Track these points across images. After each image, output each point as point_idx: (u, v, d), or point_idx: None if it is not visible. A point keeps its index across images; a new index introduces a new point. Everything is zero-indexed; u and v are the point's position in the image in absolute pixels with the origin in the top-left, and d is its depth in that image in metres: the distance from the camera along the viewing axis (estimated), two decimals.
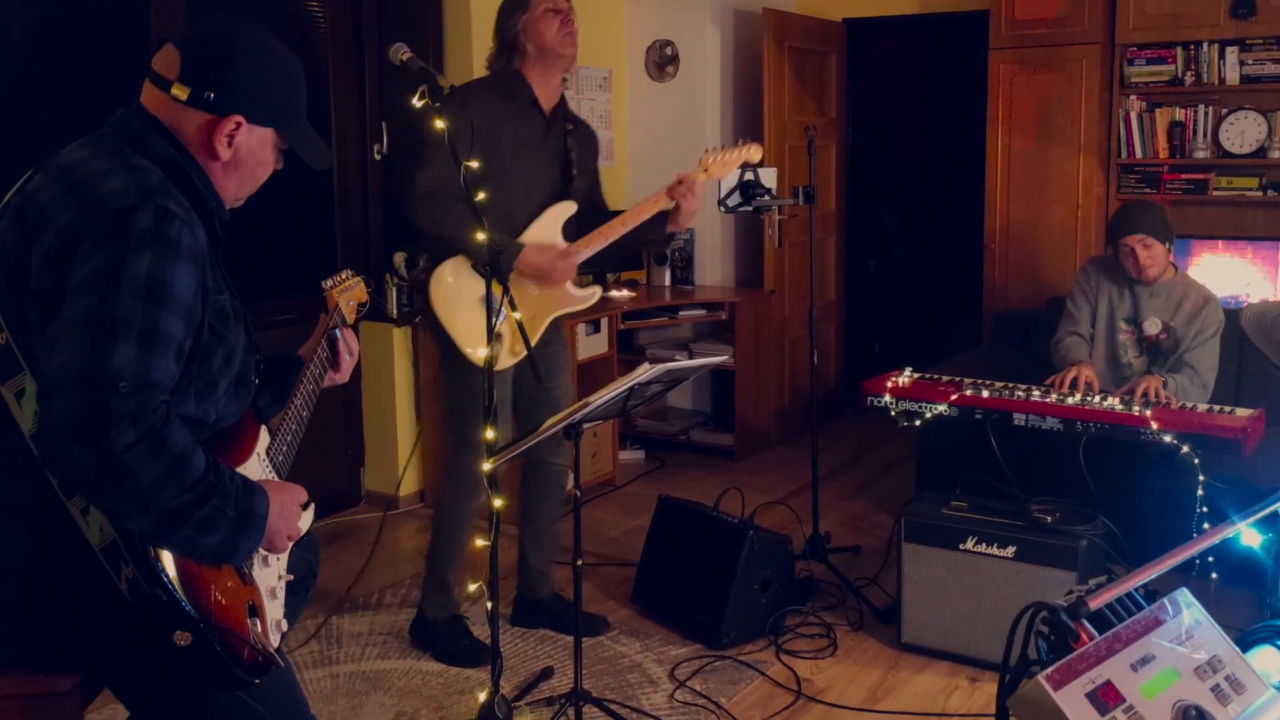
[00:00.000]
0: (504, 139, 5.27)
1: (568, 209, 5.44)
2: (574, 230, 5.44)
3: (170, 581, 2.66)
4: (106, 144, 2.85)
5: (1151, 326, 6.21)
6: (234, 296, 2.99)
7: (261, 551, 2.97)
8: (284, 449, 3.23)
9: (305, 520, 3.14)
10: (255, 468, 3.05)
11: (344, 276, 3.82)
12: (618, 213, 5.47)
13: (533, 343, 5.35)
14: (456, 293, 5.21)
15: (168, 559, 2.67)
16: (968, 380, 5.93)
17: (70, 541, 2.71)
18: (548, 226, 5.38)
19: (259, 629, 2.89)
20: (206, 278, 2.77)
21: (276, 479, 3.14)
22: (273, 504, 2.85)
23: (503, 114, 5.29)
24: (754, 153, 5.54)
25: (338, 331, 3.53)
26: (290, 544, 3.06)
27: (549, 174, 5.43)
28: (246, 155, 2.99)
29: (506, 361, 5.29)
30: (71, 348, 2.52)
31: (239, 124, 2.93)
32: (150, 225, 2.64)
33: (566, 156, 5.46)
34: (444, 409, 5.51)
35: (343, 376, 3.57)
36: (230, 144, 2.94)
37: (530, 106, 5.34)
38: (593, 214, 5.53)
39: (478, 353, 5.12)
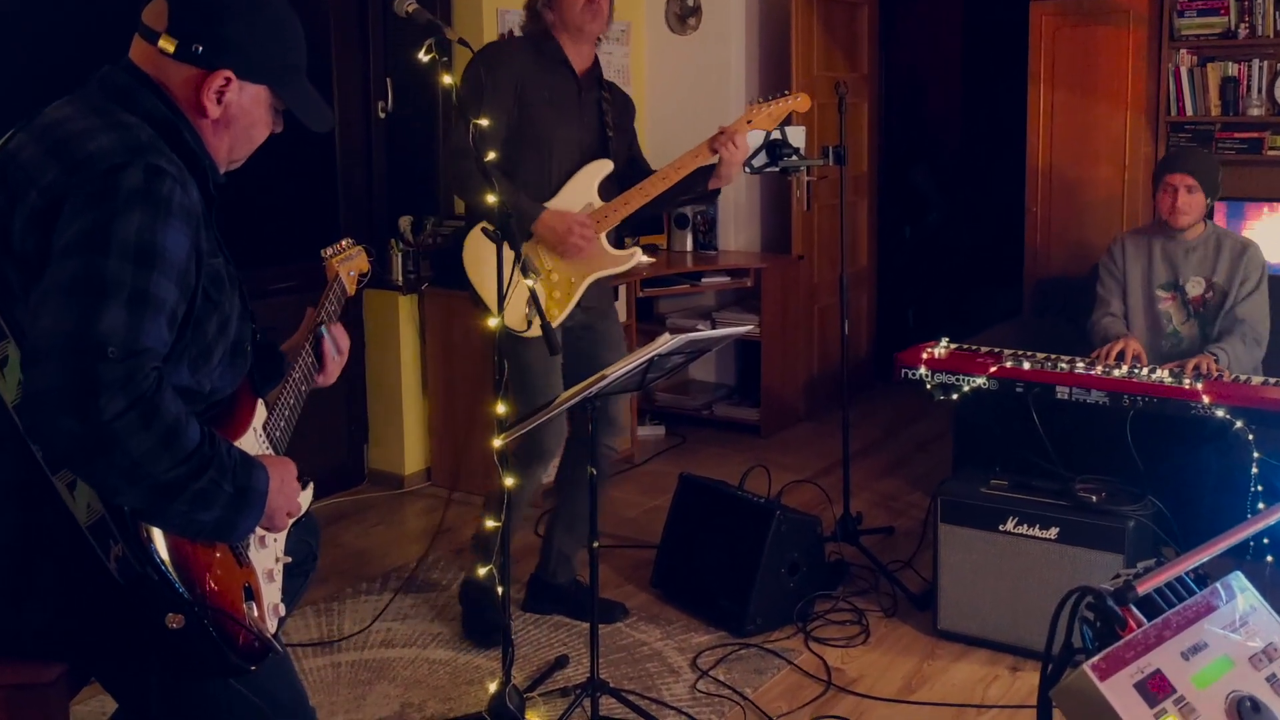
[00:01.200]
0: (537, 98, 5.29)
1: (603, 168, 5.44)
2: (613, 190, 5.43)
3: (162, 560, 2.65)
4: (92, 101, 2.84)
5: (1195, 287, 6.19)
6: (229, 262, 2.98)
7: (259, 531, 2.96)
8: (281, 424, 3.23)
9: (305, 498, 3.13)
10: (251, 443, 3.05)
11: (344, 245, 3.82)
12: (637, 167, 5.48)
13: (571, 307, 5.39)
14: (486, 257, 5.20)
15: (159, 537, 2.66)
16: (1007, 351, 5.92)
17: (55, 519, 2.70)
18: (582, 186, 5.39)
19: (255, 613, 2.89)
20: (200, 239, 2.76)
21: (274, 454, 3.13)
22: (272, 479, 2.84)
23: (536, 73, 5.32)
24: (802, 103, 5.49)
25: (323, 329, 3.50)
26: (290, 522, 3.05)
27: (584, 134, 5.44)
28: (238, 114, 2.97)
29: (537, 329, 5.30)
30: (57, 312, 2.51)
31: (228, 80, 2.91)
32: (140, 183, 2.63)
33: (601, 118, 5.46)
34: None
35: (327, 379, 3.56)
36: (219, 101, 2.92)
37: (562, 67, 5.35)
38: (632, 172, 5.53)
39: (501, 319, 5.13)
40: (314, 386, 3.50)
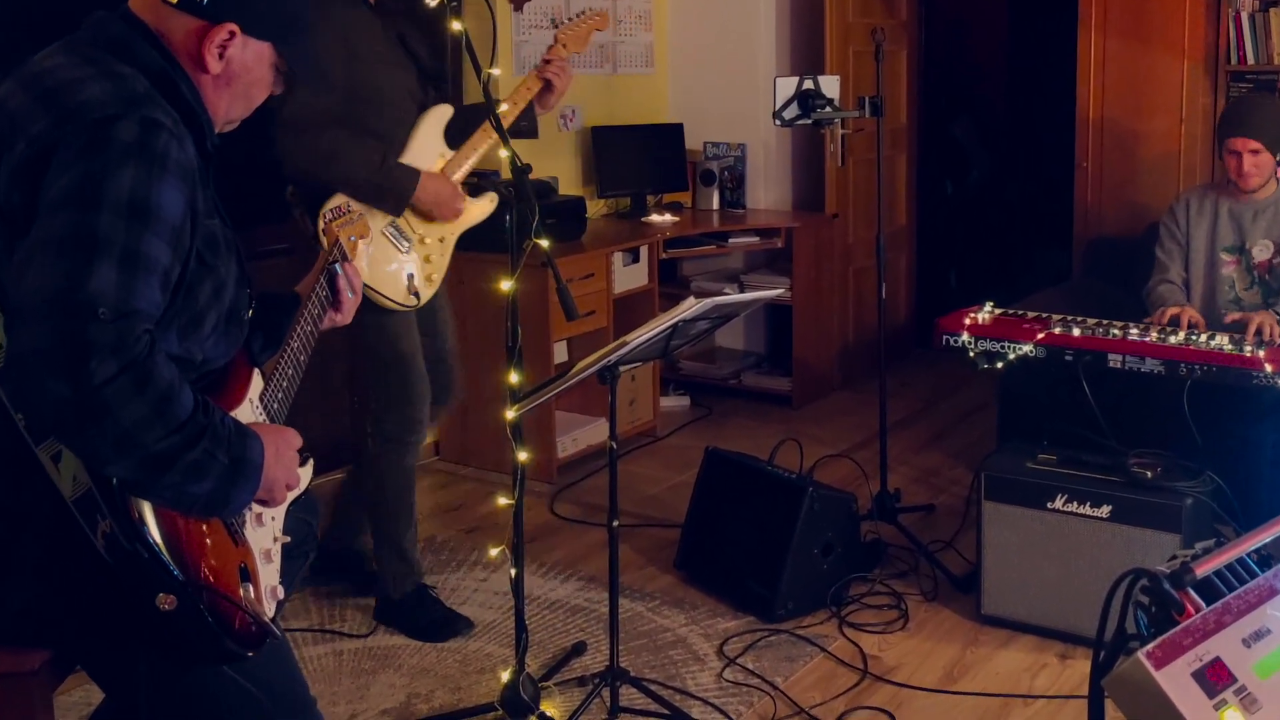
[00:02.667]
0: (361, 45, 5.19)
1: (444, 113, 5.40)
2: (454, 134, 5.43)
3: (153, 537, 2.65)
4: (84, 49, 2.83)
5: (1262, 251, 6.17)
6: (226, 224, 2.98)
7: (256, 508, 2.97)
8: (279, 395, 3.23)
9: (304, 474, 3.13)
10: (247, 414, 3.05)
11: (345, 208, 3.82)
12: (474, 107, 5.47)
13: (447, 267, 5.44)
14: None
15: (150, 512, 2.66)
16: (1056, 317, 5.90)
17: (38, 493, 2.71)
18: (429, 137, 5.35)
19: (252, 595, 2.89)
20: (196, 198, 2.76)
21: (270, 424, 3.13)
22: (268, 449, 2.84)
23: (352, 19, 5.20)
24: (601, 21, 5.66)
25: (338, 266, 3.52)
26: (290, 495, 3.05)
27: (407, 78, 5.37)
28: (240, 71, 2.96)
29: (428, 293, 5.35)
30: (45, 270, 2.51)
31: (232, 34, 2.90)
32: (134, 136, 2.63)
33: (408, 49, 5.41)
34: (358, 355, 5.50)
35: (345, 317, 3.56)
36: (221, 56, 2.91)
37: (360, 4, 5.28)
38: (459, 114, 5.51)
39: (395, 296, 5.14)
40: (331, 325, 3.53)
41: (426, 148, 5.31)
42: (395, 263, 5.16)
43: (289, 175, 5.12)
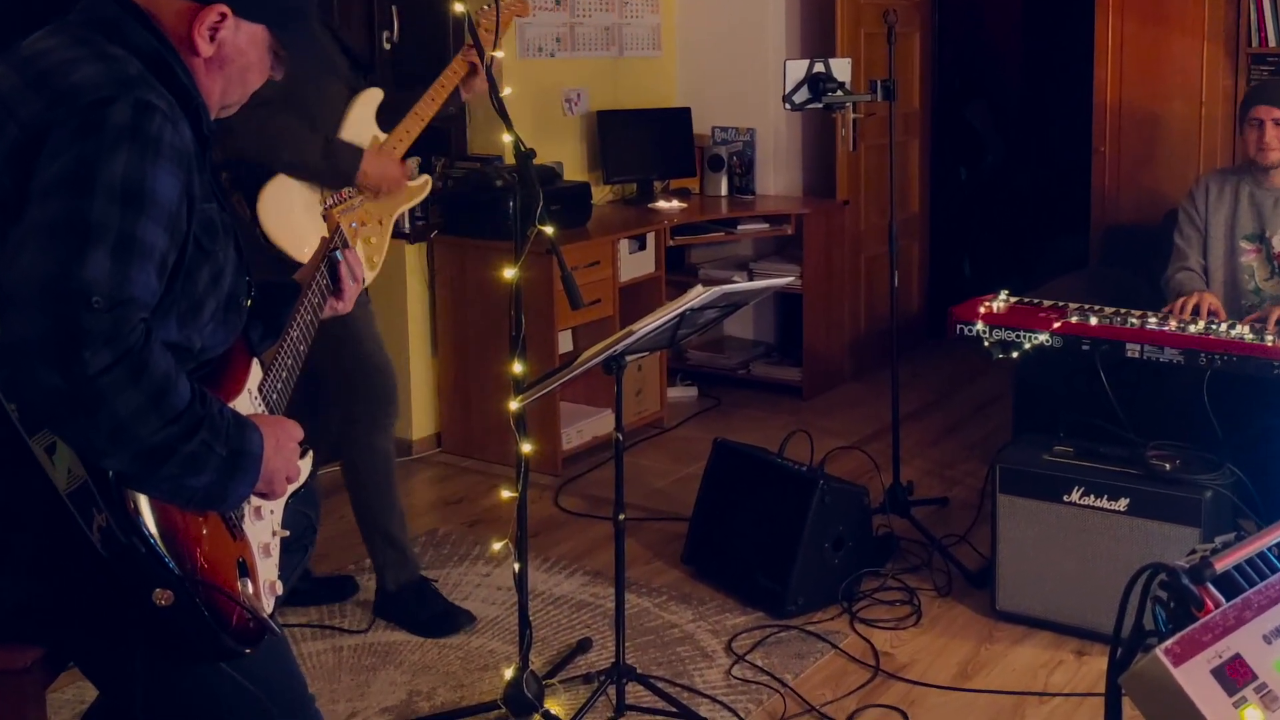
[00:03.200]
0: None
1: (375, 97, 5.37)
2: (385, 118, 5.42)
3: (149, 531, 2.64)
4: (76, 31, 2.83)
5: None
6: (224, 209, 2.97)
7: (255, 501, 2.97)
8: (279, 385, 3.23)
9: (304, 465, 3.13)
10: (246, 405, 3.04)
11: (346, 195, 3.83)
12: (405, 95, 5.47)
13: (385, 251, 5.38)
14: (290, 214, 5.12)
15: (146, 506, 2.65)
16: (1073, 305, 5.89)
17: (31, 486, 2.70)
18: (362, 119, 5.32)
19: (250, 591, 2.89)
20: (193, 182, 2.76)
21: (269, 415, 3.13)
22: (267, 441, 2.84)
23: None
24: (523, 8, 5.60)
25: (339, 254, 3.51)
26: (290, 487, 3.05)
27: (334, 58, 5.34)
28: (232, 54, 2.95)
29: (369, 277, 5.21)
30: (37, 257, 2.50)
31: (223, 15, 2.90)
32: (128, 119, 2.62)
33: (336, 36, 5.39)
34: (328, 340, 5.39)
35: (345, 305, 3.55)
36: (213, 39, 2.91)
37: None
38: (390, 99, 5.49)
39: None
40: (332, 313, 3.51)
41: (359, 129, 5.28)
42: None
43: (228, 158, 5.08)
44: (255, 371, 3.15)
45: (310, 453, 3.18)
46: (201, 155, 2.86)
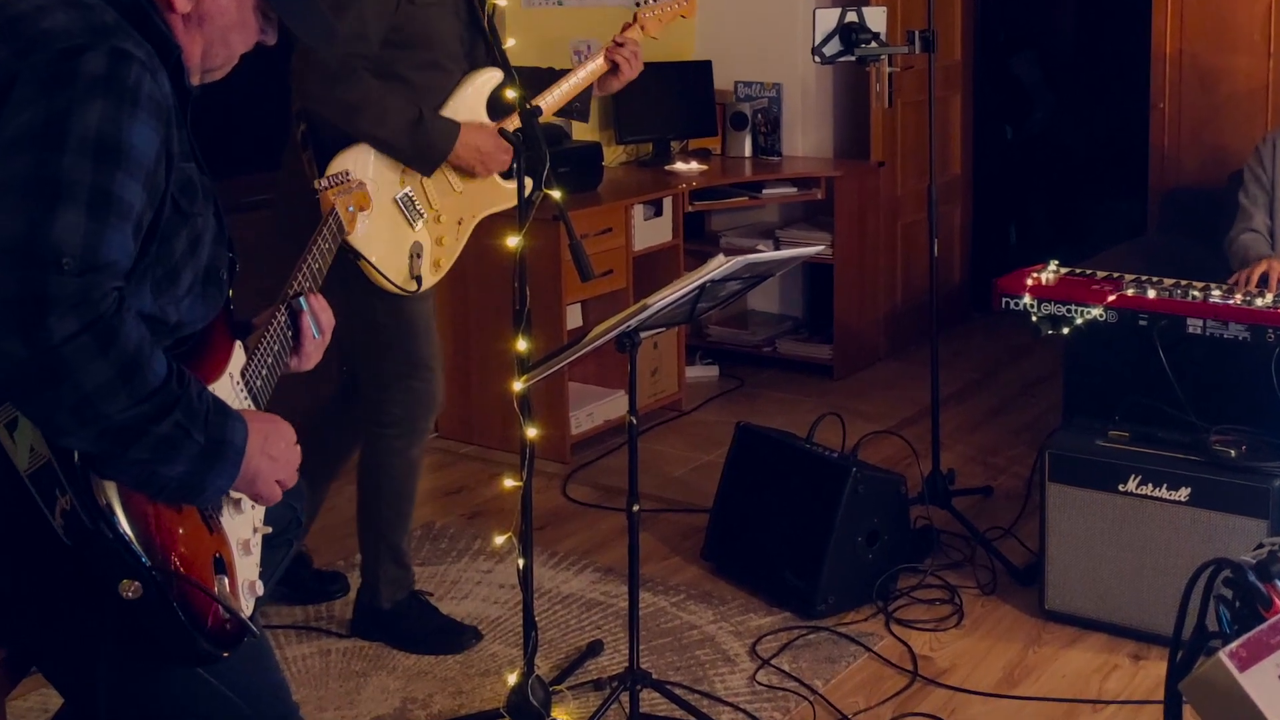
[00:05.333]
0: None
1: (492, 78, 5.24)
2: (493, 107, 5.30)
3: (117, 516, 2.65)
4: None
5: None
6: (203, 170, 2.98)
7: (234, 495, 2.96)
8: (264, 371, 3.21)
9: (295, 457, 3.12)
10: (227, 390, 3.04)
11: (343, 174, 3.80)
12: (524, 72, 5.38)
13: (459, 252, 5.28)
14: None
15: (114, 489, 2.66)
16: (1129, 277, 5.89)
17: None
18: (471, 100, 5.22)
19: (227, 590, 2.88)
20: (172, 138, 2.77)
21: (253, 408, 3.13)
22: (252, 435, 2.84)
23: None
24: (690, 7, 5.55)
25: (302, 301, 3.43)
26: (281, 493, 3.03)
27: (455, 26, 5.20)
28: (213, 12, 2.96)
29: (432, 280, 5.19)
30: (3, 215, 2.51)
31: None
32: (103, 68, 2.63)
33: (471, 6, 5.23)
34: (353, 333, 5.20)
35: (304, 364, 3.47)
36: None
37: None
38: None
39: (394, 276, 4.95)
40: (285, 371, 3.40)
41: (464, 110, 5.17)
42: (401, 238, 5.03)
43: (305, 114, 5.00)
44: (238, 354, 3.14)
45: (297, 444, 3.16)
46: (182, 109, 2.86)
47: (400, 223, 5.00)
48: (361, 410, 5.42)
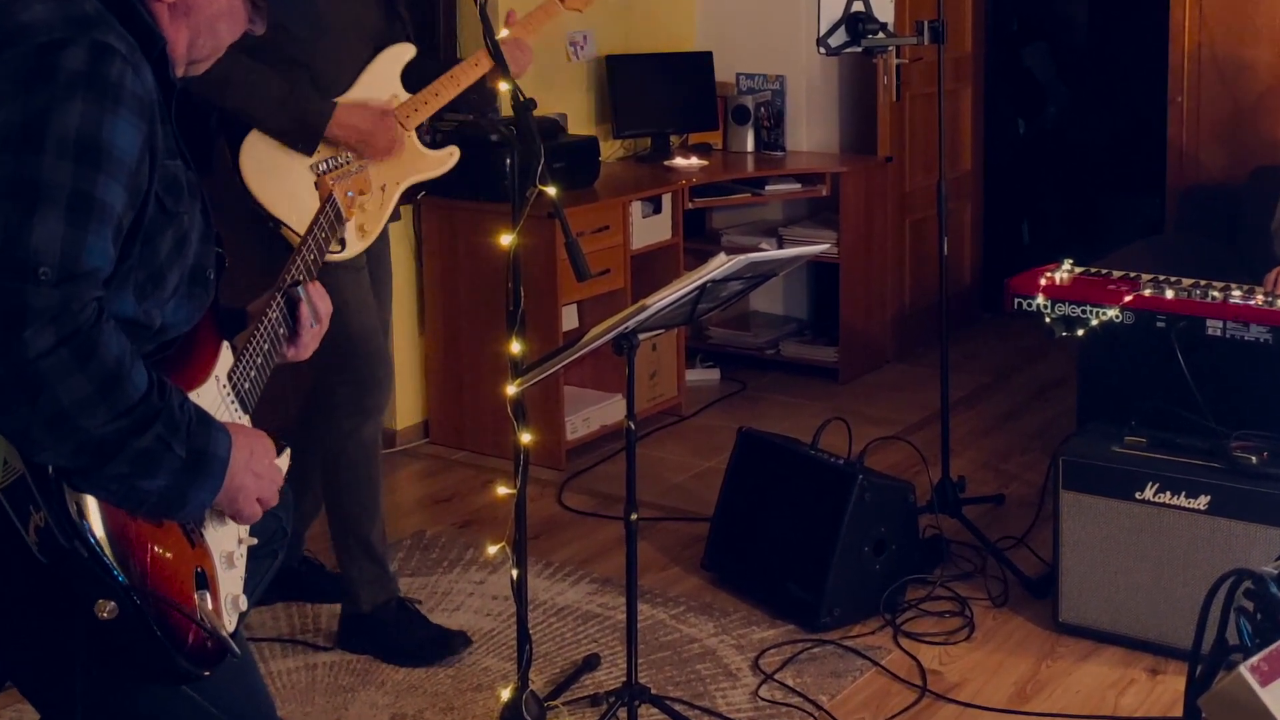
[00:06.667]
0: None
1: (404, 53, 5.31)
2: (415, 82, 5.35)
3: (94, 534, 2.63)
4: None
5: None
6: (190, 167, 2.96)
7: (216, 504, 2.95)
8: (252, 374, 3.20)
9: (281, 463, 3.11)
10: (213, 395, 3.02)
11: (342, 159, 3.81)
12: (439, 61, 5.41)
13: (385, 221, 5.28)
14: (277, 169, 5.06)
15: (92, 505, 2.64)
16: (1146, 277, 5.89)
17: None
18: (383, 75, 5.27)
19: (209, 606, 2.87)
20: (155, 134, 2.74)
21: (241, 412, 3.12)
22: (237, 449, 2.81)
23: None
24: (567, 5, 5.57)
25: (300, 290, 3.43)
26: (262, 512, 3.01)
27: (361, 11, 5.27)
28: (200, 1, 2.95)
29: (358, 247, 5.15)
30: None
31: None
32: (83, 64, 2.61)
33: None
34: None
35: (301, 353, 3.46)
36: None
37: None
38: (420, 61, 5.43)
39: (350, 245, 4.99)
40: (282, 360, 3.39)
41: (377, 86, 5.22)
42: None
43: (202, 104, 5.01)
44: (225, 355, 3.12)
45: (286, 450, 3.15)
46: (166, 105, 2.84)
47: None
48: (312, 399, 5.44)
